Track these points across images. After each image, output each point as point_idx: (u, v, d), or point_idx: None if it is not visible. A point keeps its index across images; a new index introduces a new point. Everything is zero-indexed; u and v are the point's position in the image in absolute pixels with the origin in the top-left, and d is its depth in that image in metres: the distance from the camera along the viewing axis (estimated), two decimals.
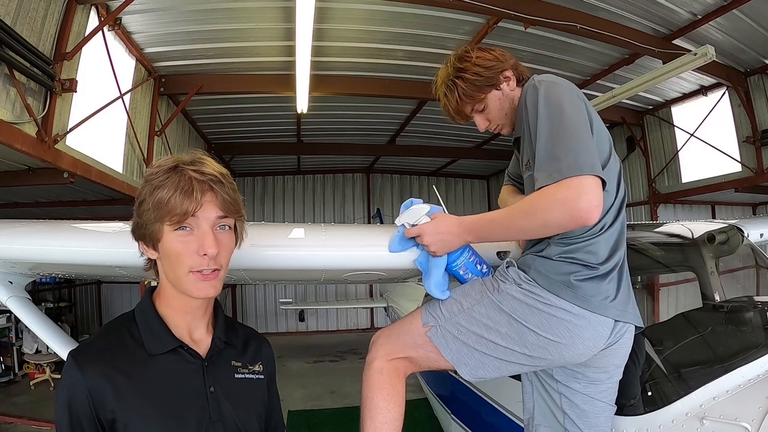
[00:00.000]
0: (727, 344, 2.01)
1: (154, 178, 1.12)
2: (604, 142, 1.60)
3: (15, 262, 1.80)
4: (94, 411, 1.09)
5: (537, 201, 1.40)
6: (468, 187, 14.63)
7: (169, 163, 1.14)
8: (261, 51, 6.39)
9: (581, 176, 1.35)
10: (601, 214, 1.39)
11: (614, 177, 1.60)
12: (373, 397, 1.61)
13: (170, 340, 1.18)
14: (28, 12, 4.07)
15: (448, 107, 1.78)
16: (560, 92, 1.52)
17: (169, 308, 1.22)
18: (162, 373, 1.15)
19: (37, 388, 7.53)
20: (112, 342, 1.17)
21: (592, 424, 1.62)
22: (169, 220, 1.11)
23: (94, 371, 1.10)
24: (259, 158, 11.76)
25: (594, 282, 1.51)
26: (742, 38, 6.19)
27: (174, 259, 1.13)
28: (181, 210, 1.10)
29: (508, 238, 1.67)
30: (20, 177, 5.13)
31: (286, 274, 2.06)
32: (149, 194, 1.11)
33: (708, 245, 2.44)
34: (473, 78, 1.69)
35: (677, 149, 8.64)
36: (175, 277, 1.16)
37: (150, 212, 1.11)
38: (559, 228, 1.44)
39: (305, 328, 12.98)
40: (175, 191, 1.10)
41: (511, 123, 1.77)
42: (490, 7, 5.01)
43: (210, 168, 1.14)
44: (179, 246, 1.13)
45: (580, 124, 1.46)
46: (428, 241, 1.54)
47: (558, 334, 1.49)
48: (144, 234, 1.16)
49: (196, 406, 1.17)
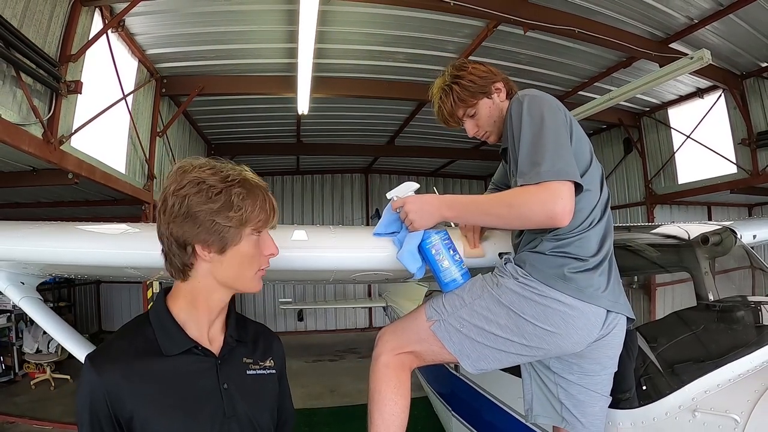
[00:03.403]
0: (719, 341, 2.10)
1: (232, 185, 1.17)
2: (584, 149, 1.72)
3: (27, 263, 1.83)
4: (112, 411, 1.14)
5: (519, 195, 1.55)
6: (466, 187, 14.71)
7: (234, 173, 1.21)
8: (262, 53, 6.45)
9: (558, 181, 1.50)
10: (572, 217, 1.52)
11: (597, 179, 1.72)
12: (381, 390, 1.69)
13: (184, 341, 1.23)
14: (34, 14, 4.10)
15: (443, 110, 1.91)
16: (541, 104, 1.65)
17: (195, 309, 1.26)
18: (177, 373, 1.20)
19: (37, 387, 7.55)
20: (127, 344, 1.22)
21: (587, 413, 1.72)
22: (254, 226, 1.21)
23: (111, 373, 1.15)
24: (258, 158, 11.81)
25: (586, 274, 1.61)
26: (738, 42, 6.28)
27: (247, 261, 1.24)
28: (264, 217, 1.23)
29: (483, 222, 1.78)
30: (25, 178, 5.19)
31: (298, 274, 2.11)
32: (233, 200, 1.17)
33: (702, 246, 2.52)
34: (468, 84, 1.84)
35: (674, 151, 8.72)
36: (240, 277, 1.25)
37: (233, 218, 1.17)
38: (533, 224, 1.58)
39: (304, 328, 13.01)
40: (262, 201, 1.22)
41: (498, 132, 1.90)
42: (490, 12, 5.08)
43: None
44: (254, 249, 1.24)
45: (559, 134, 1.59)
46: (409, 209, 1.65)
47: (554, 324, 1.58)
48: (213, 238, 1.18)
49: (211, 403, 1.21)
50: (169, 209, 1.17)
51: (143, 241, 1.65)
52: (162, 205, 1.19)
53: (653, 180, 9.17)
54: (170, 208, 1.17)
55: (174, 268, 1.23)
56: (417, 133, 10.24)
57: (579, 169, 1.60)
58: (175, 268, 1.22)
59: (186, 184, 1.16)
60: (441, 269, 1.69)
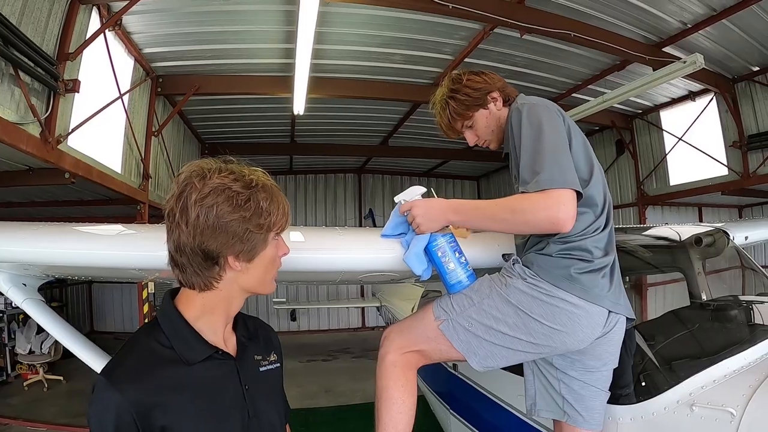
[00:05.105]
0: (714, 339, 2.16)
1: (257, 190, 1.14)
2: (586, 155, 1.77)
3: (30, 264, 1.80)
4: (141, 429, 1.07)
5: (523, 202, 1.60)
6: (458, 187, 14.81)
7: (255, 177, 1.17)
8: (259, 53, 6.46)
9: (560, 189, 1.55)
10: (575, 221, 1.58)
11: (599, 184, 1.77)
12: (388, 388, 1.74)
13: (205, 348, 1.18)
14: (32, 12, 4.08)
15: (442, 123, 2.01)
16: (540, 113, 1.71)
17: (212, 315, 1.21)
18: (203, 380, 1.16)
19: (30, 388, 7.50)
20: (144, 357, 1.14)
21: (588, 407, 1.77)
22: (277, 230, 1.20)
23: (135, 390, 1.07)
24: (251, 158, 11.74)
25: (591, 275, 1.66)
26: (731, 47, 6.39)
27: (270, 265, 1.23)
28: (286, 219, 1.21)
29: (489, 227, 1.82)
30: (20, 177, 5.12)
31: (308, 275, 2.13)
32: (262, 206, 1.13)
33: (695, 247, 2.57)
34: (463, 99, 1.92)
35: (665, 153, 8.82)
36: (263, 281, 1.24)
37: (264, 225, 1.14)
38: (536, 229, 1.65)
39: (297, 328, 13.01)
40: (283, 203, 1.20)
41: (497, 139, 1.97)
42: (487, 15, 5.13)
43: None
44: (274, 251, 1.22)
45: (558, 142, 1.65)
46: (416, 213, 1.69)
47: (560, 322, 1.63)
48: (246, 247, 1.14)
49: (237, 405, 1.20)
50: (194, 220, 1.09)
51: (149, 242, 1.63)
52: (181, 216, 1.10)
53: (645, 181, 9.28)
54: (195, 219, 1.09)
55: (195, 282, 1.16)
56: (410, 134, 10.30)
57: (582, 174, 1.67)
58: (197, 282, 1.15)
59: (209, 192, 1.09)
60: (447, 271, 1.72)
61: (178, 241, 1.12)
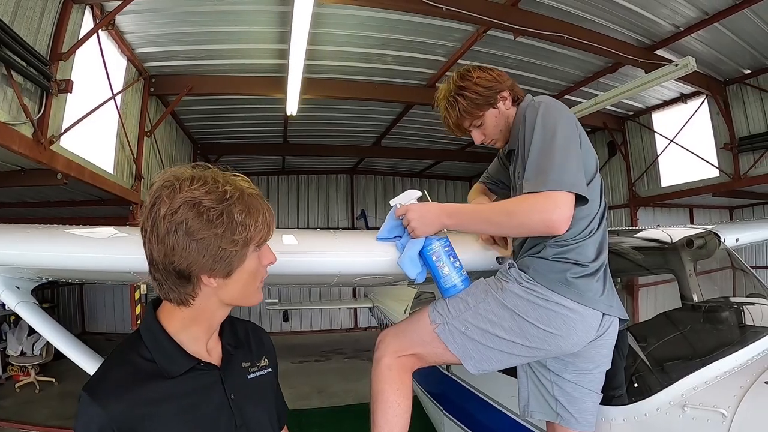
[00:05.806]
0: (705, 341, 2.18)
1: (231, 204, 1.06)
2: (591, 161, 1.78)
3: (23, 267, 1.77)
4: None
5: (519, 204, 1.61)
6: (451, 188, 14.84)
7: (230, 188, 1.08)
8: (252, 53, 6.45)
9: (560, 192, 1.54)
10: (569, 225, 1.57)
11: (597, 190, 1.77)
12: (384, 391, 1.74)
13: (186, 360, 1.15)
14: (25, 11, 4.06)
15: (449, 121, 1.93)
16: (556, 115, 1.69)
17: (195, 327, 1.18)
18: (186, 393, 1.14)
19: (22, 390, 7.46)
20: (126, 371, 1.12)
21: (581, 409, 1.78)
22: (257, 242, 1.12)
23: (117, 404, 1.06)
24: (244, 158, 11.76)
25: (586, 279, 1.68)
26: (723, 50, 6.46)
27: (251, 277, 1.16)
28: (266, 231, 1.13)
29: (484, 230, 1.83)
30: (12, 178, 5.10)
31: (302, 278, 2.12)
32: (236, 220, 1.06)
33: (687, 249, 2.59)
34: (473, 96, 1.84)
35: (657, 154, 8.90)
36: (245, 293, 1.18)
37: (239, 241, 1.07)
38: (532, 232, 1.64)
39: (289, 329, 13.03)
40: (263, 214, 1.11)
41: (504, 138, 1.93)
42: (481, 17, 5.15)
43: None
44: (257, 264, 1.16)
45: (570, 145, 1.64)
46: (411, 217, 1.68)
47: (556, 326, 1.65)
48: (220, 265, 1.08)
49: (223, 416, 1.18)
50: (163, 237, 1.03)
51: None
52: (152, 231, 1.04)
53: (636, 183, 9.35)
54: (165, 235, 1.03)
55: (172, 297, 1.12)
56: (403, 135, 10.32)
57: (588, 177, 1.67)
58: (174, 297, 1.11)
59: (179, 207, 1.02)
60: (441, 275, 1.72)
61: (150, 257, 1.08)
